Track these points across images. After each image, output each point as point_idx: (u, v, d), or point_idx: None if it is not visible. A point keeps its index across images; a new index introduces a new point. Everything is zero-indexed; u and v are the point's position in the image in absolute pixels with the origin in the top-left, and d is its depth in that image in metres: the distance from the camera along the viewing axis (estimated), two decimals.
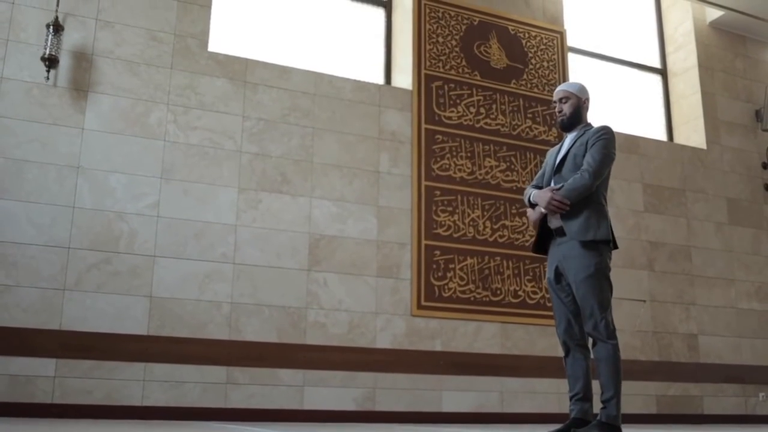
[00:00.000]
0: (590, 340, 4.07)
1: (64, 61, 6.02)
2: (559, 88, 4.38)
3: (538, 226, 4.26)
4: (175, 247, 6.04)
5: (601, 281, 3.98)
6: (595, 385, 4.02)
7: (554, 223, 4.15)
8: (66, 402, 5.48)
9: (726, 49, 9.27)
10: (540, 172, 4.44)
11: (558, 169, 4.23)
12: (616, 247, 4.14)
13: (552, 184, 4.23)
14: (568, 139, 4.30)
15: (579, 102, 4.30)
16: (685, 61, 9.13)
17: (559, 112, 4.32)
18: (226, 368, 6.00)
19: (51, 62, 5.88)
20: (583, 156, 4.13)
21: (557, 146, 4.42)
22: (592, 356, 4.08)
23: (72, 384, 5.54)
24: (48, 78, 5.90)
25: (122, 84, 6.17)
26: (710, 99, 8.93)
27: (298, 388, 6.20)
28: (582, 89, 4.34)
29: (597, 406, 3.98)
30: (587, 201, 4.05)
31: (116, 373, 5.67)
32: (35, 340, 5.50)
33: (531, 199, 4.25)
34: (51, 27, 5.89)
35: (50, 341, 5.54)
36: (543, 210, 4.15)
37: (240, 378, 6.03)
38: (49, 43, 5.88)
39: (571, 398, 4.09)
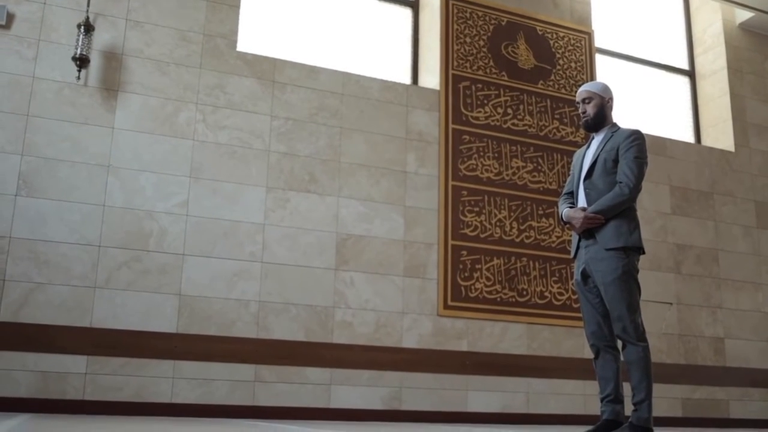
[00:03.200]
0: (620, 342, 4.05)
1: (95, 61, 6.08)
2: (581, 89, 4.32)
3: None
4: (204, 245, 6.08)
5: (629, 283, 3.96)
6: (626, 387, 4.00)
7: None
8: (97, 399, 5.54)
9: (756, 50, 9.19)
10: (570, 178, 4.42)
11: (588, 174, 4.20)
12: (644, 252, 4.12)
13: (582, 189, 4.20)
14: (596, 141, 4.26)
15: (602, 102, 4.25)
16: (713, 62, 9.07)
17: (583, 113, 4.28)
18: (254, 366, 6.04)
19: (82, 62, 5.94)
20: (614, 161, 4.10)
21: (584, 148, 4.38)
22: (622, 358, 4.07)
23: (102, 381, 5.59)
24: (79, 78, 5.95)
25: (152, 83, 6.22)
26: (739, 101, 8.86)
27: (325, 387, 6.22)
28: (605, 88, 4.30)
29: (628, 408, 3.96)
30: None
31: (146, 370, 5.72)
32: (66, 338, 5.56)
33: (563, 217, 4.22)
34: (82, 27, 5.95)
35: (81, 338, 5.59)
36: (577, 232, 4.14)
37: (267, 376, 6.06)
38: (79, 43, 5.93)
39: (602, 400, 4.07)
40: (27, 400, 5.36)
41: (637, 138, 4.11)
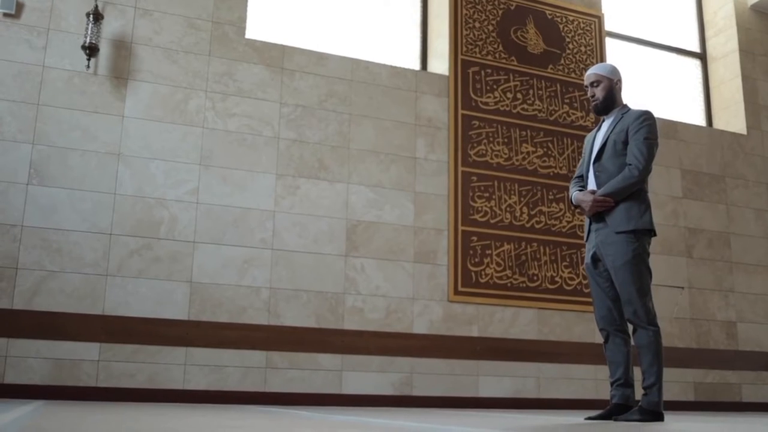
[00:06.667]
0: (631, 326, 4.05)
1: (104, 50, 6.10)
2: (589, 72, 4.27)
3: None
4: (215, 233, 6.10)
5: (639, 267, 3.94)
6: (637, 372, 4.00)
7: None
8: (110, 385, 5.58)
9: None
10: (581, 161, 4.40)
11: (598, 156, 4.17)
12: (655, 234, 4.10)
13: (592, 172, 4.19)
14: (606, 123, 4.23)
15: (611, 84, 4.20)
16: (725, 45, 9.01)
17: (592, 96, 4.23)
18: (266, 353, 6.06)
19: (91, 51, 5.96)
20: (623, 142, 4.06)
21: (594, 130, 4.36)
22: (632, 342, 4.06)
23: (115, 368, 5.63)
24: (88, 66, 5.97)
25: (161, 71, 6.23)
26: (751, 84, 8.80)
27: (336, 373, 6.25)
28: (613, 70, 4.24)
29: (639, 392, 3.96)
30: None
31: (158, 357, 5.76)
32: (79, 325, 5.60)
33: (573, 201, 4.21)
34: (91, 16, 5.96)
35: (94, 326, 5.63)
36: (587, 216, 4.13)
37: (279, 362, 6.09)
38: (89, 32, 5.94)
39: (612, 384, 4.07)
40: (41, 387, 5.41)
41: (647, 119, 4.08)
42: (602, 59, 8.00)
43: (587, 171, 4.23)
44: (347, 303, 6.41)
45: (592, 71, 4.24)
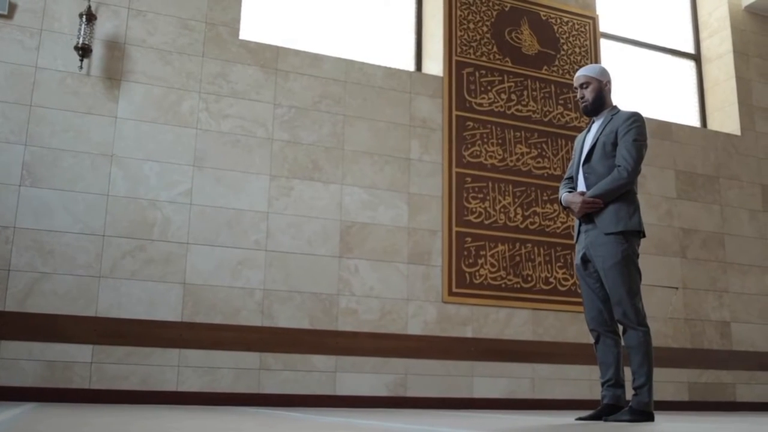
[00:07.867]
0: (621, 327, 4.06)
1: (97, 50, 6.08)
2: (578, 74, 4.28)
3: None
4: (208, 234, 6.09)
5: (629, 268, 3.95)
6: (628, 372, 4.00)
7: None
8: (103, 387, 5.57)
9: (762, 34, 9.13)
10: (571, 163, 4.41)
11: (587, 158, 4.19)
12: (644, 235, 4.11)
13: (581, 173, 4.20)
14: (596, 125, 4.25)
15: (600, 86, 4.22)
16: (719, 46, 9.02)
17: (581, 98, 4.25)
18: (259, 354, 6.06)
19: (84, 51, 5.94)
20: (613, 144, 4.08)
21: (584, 132, 4.37)
22: (623, 343, 4.07)
23: (108, 370, 5.62)
24: (81, 67, 5.96)
25: (154, 72, 6.22)
26: (745, 85, 8.81)
27: (330, 374, 6.24)
28: (602, 72, 4.26)
29: (629, 393, 3.97)
30: None
31: (151, 359, 5.75)
32: (72, 327, 5.58)
33: (563, 202, 4.22)
34: (84, 16, 5.95)
35: (86, 328, 5.62)
36: (576, 217, 4.14)
37: (273, 364, 6.08)
38: (82, 33, 5.93)
39: (602, 384, 4.08)
40: (33, 390, 5.39)
41: (636, 120, 4.10)
42: (597, 60, 8.01)
43: (577, 172, 4.25)
44: (341, 304, 6.40)
45: (581, 73, 4.26)
